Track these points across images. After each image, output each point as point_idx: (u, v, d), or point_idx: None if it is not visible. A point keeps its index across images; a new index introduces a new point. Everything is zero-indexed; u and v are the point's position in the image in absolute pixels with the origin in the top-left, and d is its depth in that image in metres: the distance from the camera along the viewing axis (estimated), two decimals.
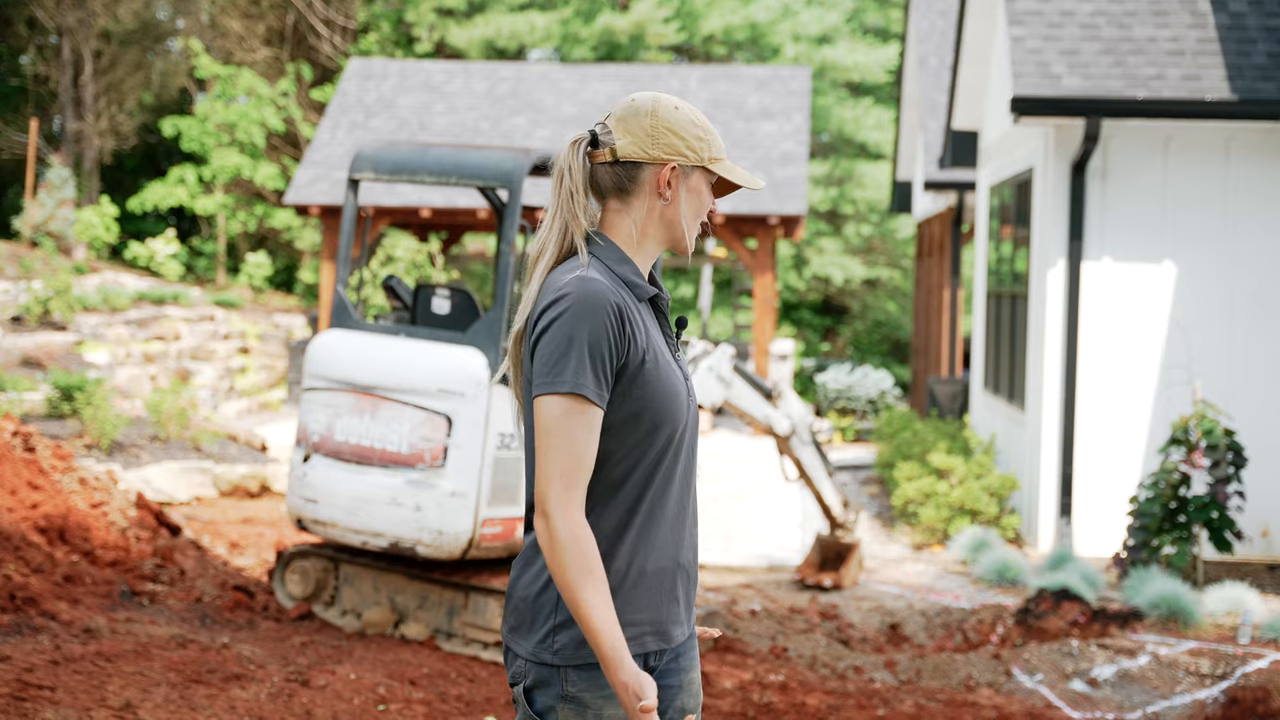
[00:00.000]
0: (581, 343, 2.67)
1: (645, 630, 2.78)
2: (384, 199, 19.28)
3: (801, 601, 9.43)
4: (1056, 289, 11.07)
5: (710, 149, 2.84)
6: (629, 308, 2.74)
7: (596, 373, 2.68)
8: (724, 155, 2.86)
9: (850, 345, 31.57)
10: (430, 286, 7.82)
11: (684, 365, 2.90)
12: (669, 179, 2.82)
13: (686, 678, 2.90)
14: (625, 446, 2.76)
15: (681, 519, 2.86)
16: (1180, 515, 9.44)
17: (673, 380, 2.80)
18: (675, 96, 2.88)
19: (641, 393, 2.74)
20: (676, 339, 2.92)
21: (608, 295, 2.70)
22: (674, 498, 2.83)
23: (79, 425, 12.10)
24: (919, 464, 12.90)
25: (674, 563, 2.83)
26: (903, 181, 23.29)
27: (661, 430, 2.77)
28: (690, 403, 2.85)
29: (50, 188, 21.40)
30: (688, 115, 2.83)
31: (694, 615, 2.96)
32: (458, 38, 29.53)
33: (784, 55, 30.01)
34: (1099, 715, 6.83)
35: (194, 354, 18.90)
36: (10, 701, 5.09)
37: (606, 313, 2.69)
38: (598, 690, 2.71)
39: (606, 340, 2.69)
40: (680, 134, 2.81)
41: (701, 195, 2.87)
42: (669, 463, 2.81)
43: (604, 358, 2.69)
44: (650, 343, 2.78)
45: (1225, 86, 10.51)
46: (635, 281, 2.81)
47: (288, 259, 30.25)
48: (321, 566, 7.68)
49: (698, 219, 2.88)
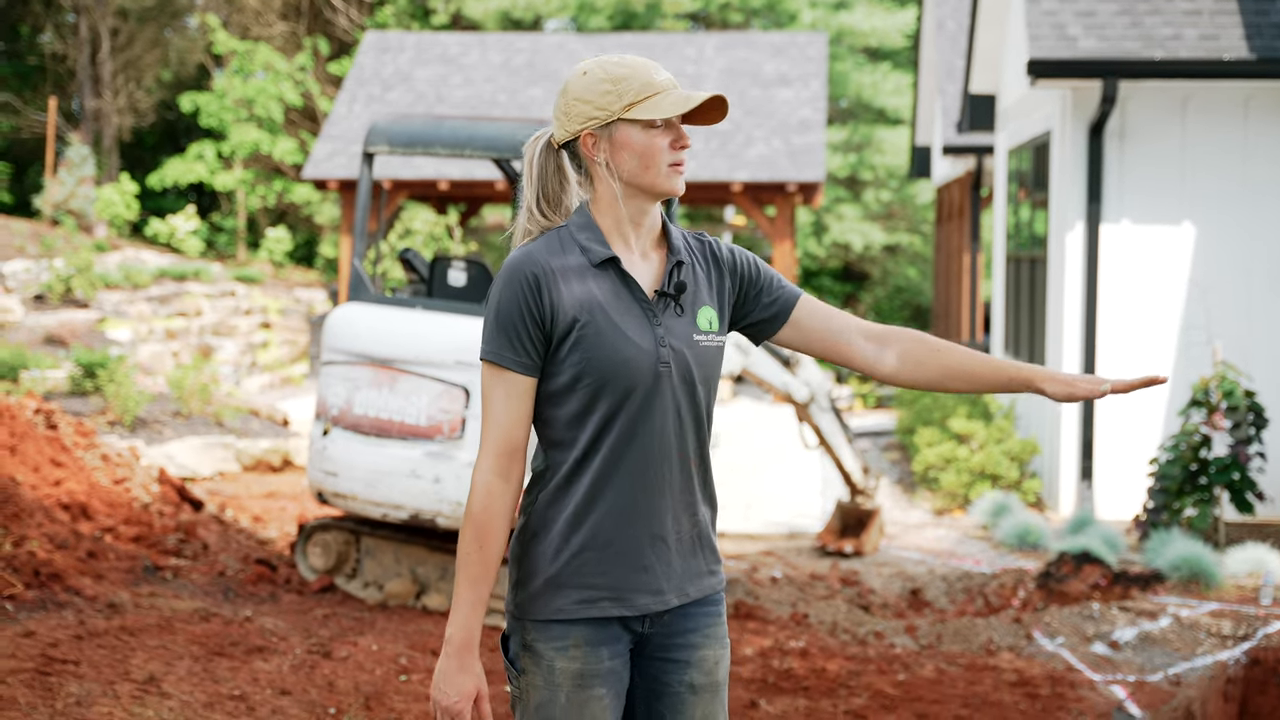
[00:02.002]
0: (496, 312, 2.80)
1: (604, 595, 2.82)
2: (401, 172, 19.29)
3: (822, 568, 9.45)
4: (1075, 252, 11.03)
5: (623, 98, 2.80)
6: (557, 275, 2.79)
7: (512, 340, 2.78)
8: (648, 94, 2.80)
9: (871, 311, 31.51)
10: (446, 259, 7.83)
11: (660, 328, 2.84)
12: (592, 145, 2.84)
13: (697, 654, 2.92)
14: (570, 412, 2.81)
15: (658, 488, 2.84)
16: (1201, 477, 9.42)
17: (620, 344, 2.78)
18: (598, 57, 2.85)
19: (577, 357, 2.78)
20: (677, 305, 2.86)
21: (525, 265, 2.79)
22: (643, 466, 2.82)
23: (102, 402, 12.16)
24: (939, 429, 12.89)
25: (646, 533, 2.83)
26: (921, 146, 23.21)
27: (605, 395, 2.78)
28: (660, 368, 2.81)
29: (70, 166, 21.46)
30: (597, 75, 2.82)
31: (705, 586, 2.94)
32: (474, 9, 29.47)
33: (801, 21, 29.87)
34: (1120, 677, 6.84)
35: (215, 330, 18.97)
36: (35, 676, 5.13)
37: (521, 282, 2.78)
38: (550, 643, 2.82)
39: (520, 308, 2.77)
40: (586, 99, 2.82)
41: (640, 142, 2.81)
42: (624, 429, 2.80)
43: (518, 325, 2.77)
44: (588, 306, 2.79)
45: (1243, 46, 10.44)
46: (587, 246, 2.83)
47: (307, 233, 30.29)
48: (343, 539, 7.72)
49: (654, 164, 2.82)
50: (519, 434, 2.81)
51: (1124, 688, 6.67)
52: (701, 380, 2.88)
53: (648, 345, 2.80)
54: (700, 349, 2.87)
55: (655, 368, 2.80)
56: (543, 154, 2.91)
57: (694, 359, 2.86)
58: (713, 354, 2.90)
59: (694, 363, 2.85)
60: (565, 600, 2.81)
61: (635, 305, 2.83)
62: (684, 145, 2.84)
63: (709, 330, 2.89)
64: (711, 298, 2.93)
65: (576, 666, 2.81)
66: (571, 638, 2.81)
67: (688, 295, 2.89)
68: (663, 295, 2.86)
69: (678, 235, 2.93)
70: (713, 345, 2.90)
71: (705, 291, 2.92)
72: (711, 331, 2.90)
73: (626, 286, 2.83)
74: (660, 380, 2.81)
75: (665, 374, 2.81)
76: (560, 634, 2.81)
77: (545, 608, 2.82)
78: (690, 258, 2.93)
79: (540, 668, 2.82)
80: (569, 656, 2.81)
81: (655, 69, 2.83)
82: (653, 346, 2.80)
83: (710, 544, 2.96)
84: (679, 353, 2.83)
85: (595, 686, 2.82)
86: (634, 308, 2.82)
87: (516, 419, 2.80)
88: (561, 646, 2.81)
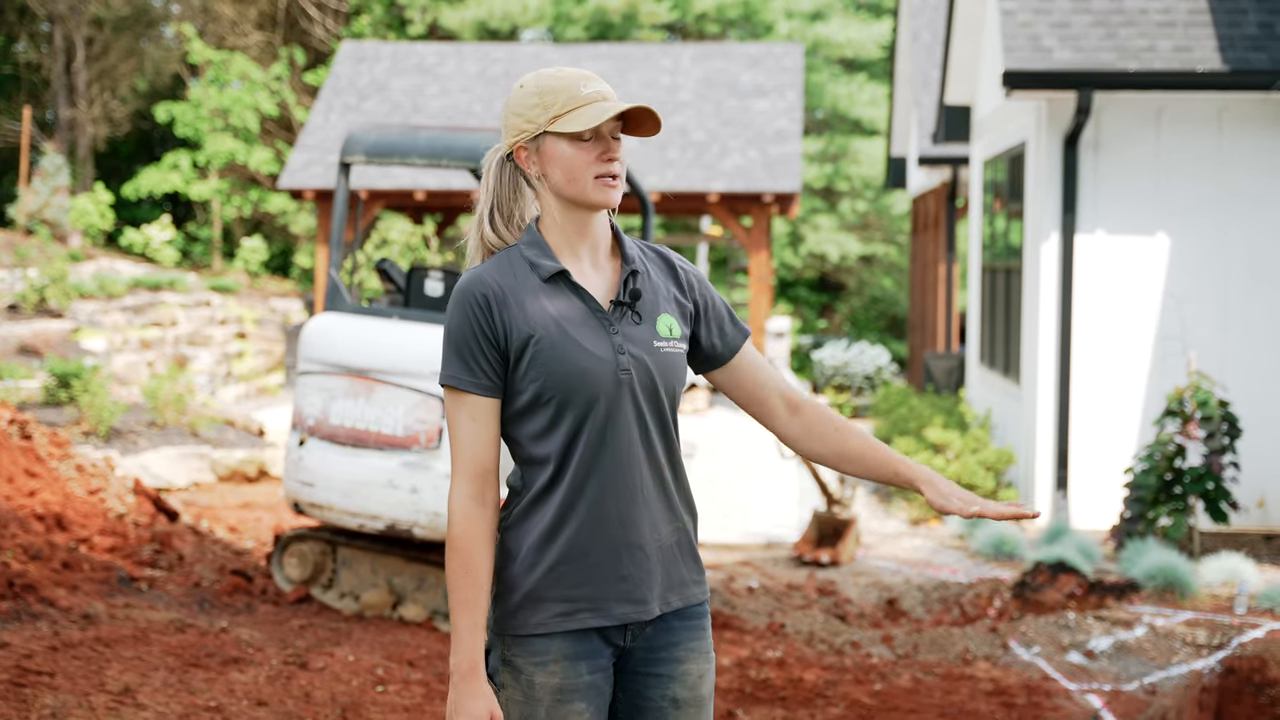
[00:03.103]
0: (450, 335, 2.82)
1: (582, 607, 2.83)
2: (378, 182, 19.27)
3: (799, 578, 9.46)
4: (1050, 262, 11.07)
5: (548, 110, 2.80)
6: (508, 294, 2.80)
7: (467, 361, 2.80)
8: (573, 106, 2.79)
9: (847, 322, 31.58)
10: (423, 269, 7.82)
11: (617, 336, 2.84)
12: (524, 158, 2.87)
13: (680, 669, 2.93)
14: (537, 428, 2.83)
15: (630, 497, 2.84)
16: (1176, 487, 9.46)
17: (577, 355, 2.78)
18: (538, 70, 2.88)
19: (536, 373, 2.79)
20: (633, 313, 2.87)
21: (474, 287, 2.81)
22: (614, 476, 2.83)
23: (76, 412, 12.11)
24: (915, 439, 12.91)
25: (622, 543, 2.83)
26: (897, 157, 23.27)
27: (570, 408, 2.79)
28: (620, 375, 2.81)
29: (44, 175, 21.39)
30: (530, 88, 2.84)
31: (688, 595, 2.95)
32: (450, 20, 29.48)
33: (777, 32, 29.95)
34: (1096, 687, 6.86)
35: (191, 340, 18.91)
36: (10, 688, 5.11)
37: (471, 303, 2.80)
38: (529, 658, 2.83)
39: (473, 329, 2.79)
40: (519, 112, 2.84)
41: (566, 155, 2.81)
42: (591, 440, 2.81)
43: (472, 347, 2.80)
44: (542, 322, 2.79)
45: (1217, 57, 10.51)
46: (536, 262, 2.85)
47: (283, 243, 30.24)
48: (319, 549, 7.70)
49: (578, 177, 2.81)
50: (488, 457, 2.83)
51: (1100, 697, 6.69)
52: (665, 387, 2.88)
53: (606, 355, 2.81)
54: (661, 355, 2.87)
55: (616, 375, 2.81)
56: (499, 166, 2.94)
57: (655, 366, 2.86)
58: (675, 359, 2.90)
59: (655, 369, 2.86)
60: (544, 614, 2.82)
61: (590, 316, 2.83)
62: (611, 158, 2.82)
63: (669, 336, 2.89)
64: (671, 307, 2.93)
65: (555, 681, 2.82)
66: (551, 653, 2.82)
67: (645, 303, 2.89)
68: (618, 304, 2.86)
69: (632, 245, 2.94)
70: (674, 351, 2.90)
71: (664, 300, 2.92)
72: (672, 338, 2.90)
73: (579, 298, 2.84)
74: (622, 388, 2.82)
75: (626, 381, 2.82)
76: (540, 649, 2.83)
77: (524, 623, 2.83)
78: (645, 267, 2.94)
79: (520, 683, 2.84)
80: (548, 671, 2.82)
81: (587, 81, 2.82)
82: (611, 355, 2.81)
83: (692, 552, 2.97)
84: (639, 360, 2.84)
85: (575, 701, 2.83)
86: (589, 319, 2.83)
87: (484, 442, 2.82)
88: (541, 662, 2.82)
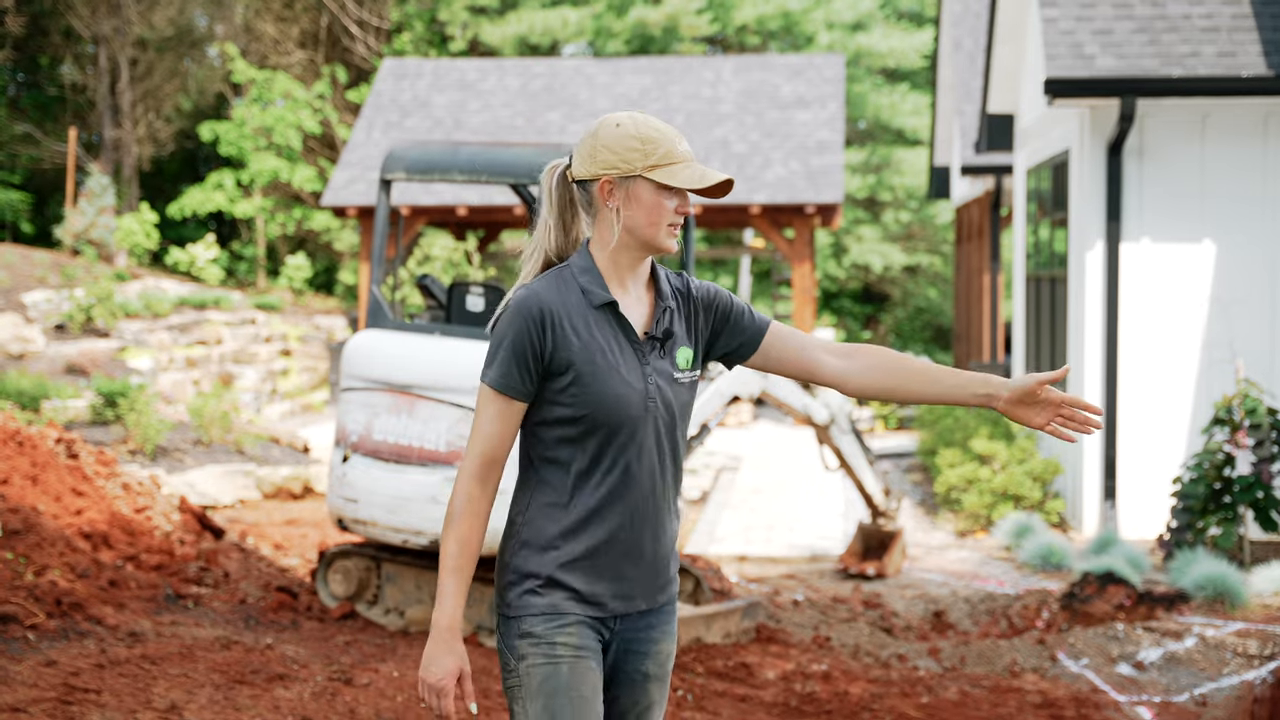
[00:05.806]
0: (500, 344, 3.09)
1: (587, 600, 3.14)
2: (421, 198, 19.34)
3: (844, 591, 9.41)
4: (1095, 271, 11.00)
5: (648, 158, 3.07)
6: (562, 315, 3.08)
7: (514, 369, 3.08)
8: (673, 161, 3.08)
9: (892, 332, 31.46)
10: (464, 284, 7.83)
11: (648, 367, 3.13)
12: (608, 191, 3.10)
13: (656, 648, 3.26)
14: (564, 435, 3.11)
15: (642, 515, 3.15)
16: (1225, 496, 9.37)
17: (615, 384, 3.08)
18: (632, 114, 3.17)
19: (576, 392, 3.07)
20: (661, 347, 3.16)
21: (532, 304, 3.08)
22: (631, 495, 3.13)
23: (123, 431, 12.19)
24: (961, 450, 12.85)
25: (627, 551, 3.15)
26: (940, 167, 23.19)
27: (599, 431, 3.09)
28: (648, 404, 3.11)
29: (90, 196, 21.56)
30: (629, 130, 3.09)
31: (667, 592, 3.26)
32: (491, 35, 29.58)
33: (818, 43, 29.91)
34: (1146, 698, 6.79)
35: (236, 358, 19.01)
36: (57, 705, 5.13)
37: (527, 317, 3.06)
38: (550, 623, 3.12)
39: (526, 342, 3.06)
40: (614, 149, 3.08)
41: (650, 201, 3.09)
42: (615, 459, 3.11)
43: (522, 357, 3.07)
44: (587, 347, 3.08)
45: (1261, 63, 10.42)
46: (588, 289, 3.12)
47: (327, 260, 30.38)
48: (364, 566, 7.71)
49: (657, 222, 3.10)
50: (502, 450, 3.12)
51: (1149, 709, 6.63)
52: (679, 413, 3.20)
53: (638, 384, 3.11)
54: (678, 385, 3.19)
55: (645, 404, 3.12)
56: (559, 183, 3.18)
57: (674, 395, 3.18)
58: (687, 389, 3.22)
59: (674, 399, 3.18)
60: (559, 597, 3.13)
61: (629, 346, 3.14)
62: (685, 212, 3.14)
63: (685, 368, 3.21)
64: (689, 338, 3.24)
65: (575, 640, 3.12)
66: (569, 619, 3.13)
67: (672, 337, 3.20)
68: (651, 338, 3.16)
69: (665, 282, 3.23)
70: (687, 381, 3.22)
71: (682, 333, 3.23)
72: (687, 369, 3.21)
73: (622, 329, 3.13)
74: (648, 415, 3.13)
75: (653, 409, 3.13)
76: (558, 619, 3.13)
77: (542, 602, 3.12)
78: (675, 302, 3.24)
79: (540, 648, 3.11)
80: (567, 633, 3.12)
81: (680, 140, 3.12)
82: (642, 385, 3.12)
83: (674, 555, 3.29)
84: (662, 390, 3.16)
85: (589, 659, 3.13)
86: (628, 349, 3.13)
87: (503, 437, 3.12)
88: (560, 625, 3.12)
